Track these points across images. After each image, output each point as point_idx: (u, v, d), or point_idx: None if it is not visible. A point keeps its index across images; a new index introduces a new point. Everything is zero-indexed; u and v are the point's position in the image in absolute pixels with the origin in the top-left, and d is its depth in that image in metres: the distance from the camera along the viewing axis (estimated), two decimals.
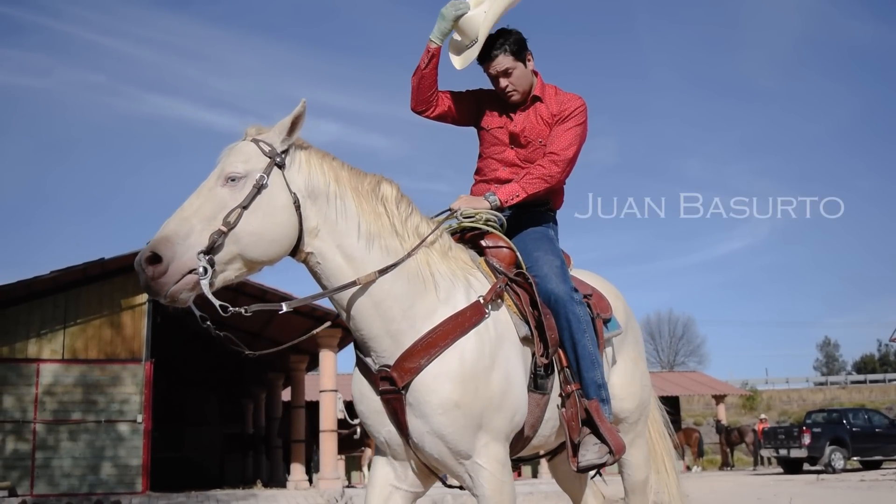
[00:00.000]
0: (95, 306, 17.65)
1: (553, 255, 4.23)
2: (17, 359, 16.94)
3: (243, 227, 3.32)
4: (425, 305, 3.66)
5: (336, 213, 3.58)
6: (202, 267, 3.21)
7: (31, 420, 16.72)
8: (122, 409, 17.25)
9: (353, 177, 3.70)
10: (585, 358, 4.05)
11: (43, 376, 16.97)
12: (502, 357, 3.71)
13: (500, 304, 3.87)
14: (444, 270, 3.78)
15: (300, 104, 3.53)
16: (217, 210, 3.32)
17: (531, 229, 4.39)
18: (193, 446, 28.99)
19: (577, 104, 4.41)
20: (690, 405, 54.31)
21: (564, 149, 4.29)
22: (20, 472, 16.45)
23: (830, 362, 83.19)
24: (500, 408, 3.64)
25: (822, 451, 26.61)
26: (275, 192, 3.43)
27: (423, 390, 3.57)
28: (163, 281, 3.21)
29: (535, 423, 3.97)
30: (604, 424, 4.00)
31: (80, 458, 16.83)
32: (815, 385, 71.55)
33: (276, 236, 3.42)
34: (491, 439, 3.63)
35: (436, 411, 3.56)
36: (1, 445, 16.53)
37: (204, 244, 3.24)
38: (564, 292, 4.05)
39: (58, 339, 17.30)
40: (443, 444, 3.61)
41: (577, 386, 4.05)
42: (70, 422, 16.94)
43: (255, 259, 3.39)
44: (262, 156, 3.47)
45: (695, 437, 33.68)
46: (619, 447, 3.99)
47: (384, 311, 3.60)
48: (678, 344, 74.28)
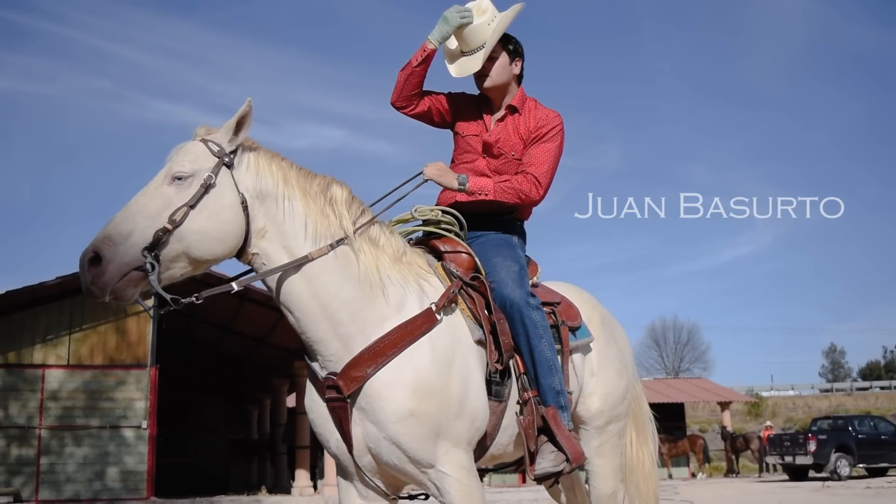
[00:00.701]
0: (101, 312, 17.67)
1: (511, 261, 4.18)
2: (22, 364, 16.97)
3: (189, 225, 3.32)
4: (375, 311, 3.63)
5: (284, 214, 3.57)
6: (149, 264, 3.22)
7: (36, 426, 16.75)
8: (126, 414, 17.27)
9: (302, 178, 3.69)
10: (542, 364, 3.99)
11: (48, 382, 16.99)
12: (459, 362, 3.68)
13: (455, 308, 3.84)
14: (395, 276, 3.75)
15: (245, 103, 3.52)
16: (162, 208, 3.31)
17: (493, 235, 4.33)
18: (198, 452, 28.98)
19: (556, 122, 4.35)
20: (695, 412, 54.19)
21: (545, 173, 4.25)
22: (25, 478, 16.47)
23: (836, 369, 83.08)
24: (459, 414, 3.60)
25: (828, 458, 26.54)
26: (222, 191, 3.42)
27: (375, 397, 3.53)
28: (103, 281, 3.20)
29: (492, 431, 3.89)
30: (561, 432, 3.94)
31: (85, 463, 16.84)
32: (820, 392, 71.45)
33: (222, 235, 3.41)
34: (452, 446, 3.59)
35: (390, 419, 3.52)
36: (6, 451, 16.54)
37: (148, 241, 3.24)
38: (520, 297, 4.00)
39: (63, 345, 17.32)
40: (400, 453, 3.57)
41: (535, 393, 4.00)
42: (75, 427, 16.96)
43: (199, 258, 3.38)
44: (211, 155, 3.47)
45: (700, 443, 33.59)
46: (577, 455, 3.94)
47: (332, 314, 3.58)
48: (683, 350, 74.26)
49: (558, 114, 4.42)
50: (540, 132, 4.32)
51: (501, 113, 4.43)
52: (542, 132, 4.32)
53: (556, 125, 4.35)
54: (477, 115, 4.49)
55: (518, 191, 4.20)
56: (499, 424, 3.92)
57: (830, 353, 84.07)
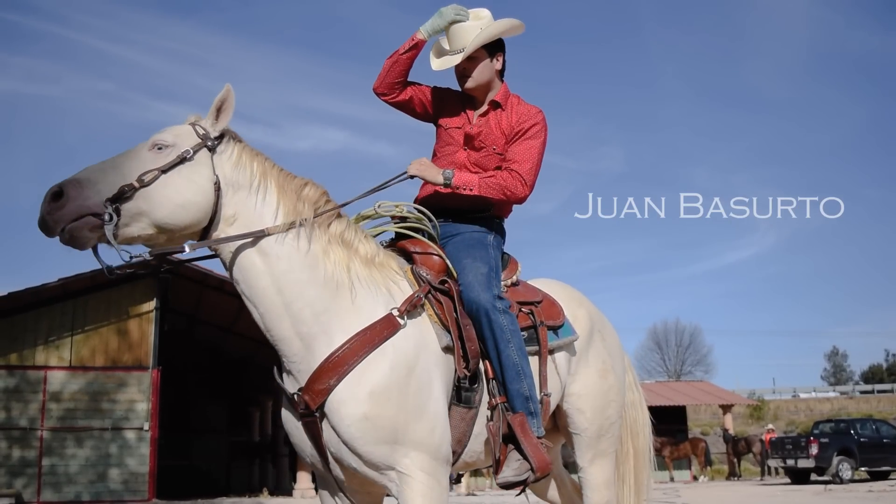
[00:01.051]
0: (103, 314, 17.69)
1: (481, 262, 4.11)
2: (24, 366, 16.99)
3: (156, 187, 3.36)
4: (339, 313, 3.64)
5: (255, 206, 3.61)
6: (108, 214, 3.24)
7: (38, 427, 16.75)
8: (128, 416, 17.28)
9: (280, 176, 3.73)
10: (510, 369, 3.92)
11: (50, 383, 17.00)
12: (420, 369, 3.66)
13: (422, 313, 3.82)
14: (365, 278, 3.76)
15: (224, 89, 3.59)
16: (136, 168, 3.36)
17: (466, 235, 4.29)
18: (200, 454, 28.97)
19: (539, 118, 4.33)
20: (697, 415, 54.15)
21: (530, 171, 4.22)
22: (27, 479, 16.48)
23: (838, 372, 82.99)
24: (418, 419, 3.58)
25: (830, 462, 26.49)
26: (197, 167, 3.48)
27: (335, 401, 3.55)
28: (58, 215, 3.21)
29: (462, 438, 3.87)
30: (527, 439, 3.86)
31: (87, 465, 16.85)
32: (822, 395, 71.35)
33: (186, 203, 3.43)
34: (412, 449, 3.56)
35: (345, 422, 3.54)
36: (8, 452, 16.56)
37: (112, 192, 3.27)
38: (485, 300, 3.92)
39: (65, 347, 17.34)
40: (357, 457, 3.59)
41: (503, 399, 3.95)
42: (77, 429, 16.97)
43: (160, 221, 3.39)
44: (195, 136, 3.54)
45: (701, 446, 33.58)
46: (543, 465, 3.85)
47: (294, 313, 3.60)
48: (685, 353, 74.15)
49: (540, 110, 4.39)
50: (522, 128, 4.30)
51: (484, 108, 4.41)
52: (524, 128, 4.30)
53: (539, 121, 4.32)
54: (460, 109, 4.47)
55: (503, 187, 4.17)
56: (469, 431, 3.90)
57: (832, 357, 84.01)
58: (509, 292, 4.35)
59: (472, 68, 4.33)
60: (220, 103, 3.60)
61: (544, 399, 4.20)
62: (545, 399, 4.21)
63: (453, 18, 4.29)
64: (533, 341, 4.25)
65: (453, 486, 28.28)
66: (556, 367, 4.38)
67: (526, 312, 4.30)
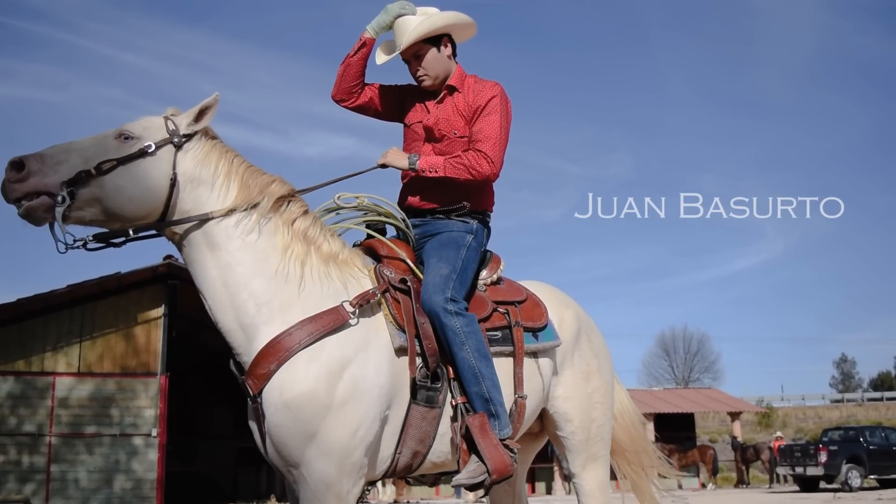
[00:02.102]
0: (111, 320, 17.70)
1: (444, 263, 4.07)
2: (32, 372, 17.00)
3: (111, 177, 3.44)
4: (284, 304, 3.65)
5: (213, 202, 3.66)
6: (61, 196, 3.32)
7: (46, 433, 16.76)
8: (136, 422, 17.28)
9: (247, 173, 3.77)
10: (465, 371, 3.87)
11: (58, 390, 17.01)
12: (356, 366, 3.62)
13: (377, 311, 3.82)
14: (320, 272, 3.78)
15: (212, 96, 3.68)
16: (98, 154, 3.45)
17: (443, 235, 4.26)
18: (207, 460, 28.96)
19: (495, 92, 4.30)
20: (705, 422, 54.02)
21: (494, 147, 4.19)
22: (35, 486, 16.49)
23: (846, 379, 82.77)
24: (338, 418, 3.51)
25: (839, 470, 26.43)
26: (156, 163, 3.55)
27: (268, 386, 3.57)
28: (15, 187, 3.32)
29: (425, 438, 3.84)
30: (486, 441, 3.80)
31: (95, 471, 16.85)
32: (831, 402, 71.14)
33: (137, 197, 3.51)
34: (321, 453, 3.50)
35: (269, 410, 3.56)
36: (17, 459, 16.57)
37: (70, 176, 3.36)
38: (437, 303, 3.87)
39: (73, 353, 17.35)
40: (273, 445, 3.59)
41: (464, 399, 3.91)
42: (85, 435, 16.97)
43: (111, 210, 3.48)
44: (163, 130, 3.62)
45: (710, 454, 33.47)
46: (501, 468, 3.79)
47: (238, 305, 3.64)
48: (693, 360, 74.07)
49: (496, 83, 4.37)
50: (479, 105, 4.27)
51: (441, 95, 4.39)
52: (480, 105, 4.27)
53: (494, 95, 4.29)
54: (419, 101, 4.46)
55: (468, 166, 4.15)
56: (433, 431, 3.87)
57: (841, 364, 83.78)
58: (489, 291, 4.35)
59: (425, 66, 4.34)
60: (205, 108, 3.68)
61: (518, 401, 4.16)
62: (520, 401, 4.17)
63: (398, 13, 4.31)
64: (507, 342, 4.21)
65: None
66: (539, 369, 4.34)
67: (502, 312, 4.27)
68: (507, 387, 4.12)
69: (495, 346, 4.14)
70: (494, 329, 4.19)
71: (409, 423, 3.79)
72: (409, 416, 3.79)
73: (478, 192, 4.37)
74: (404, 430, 3.79)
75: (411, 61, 4.34)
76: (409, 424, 3.79)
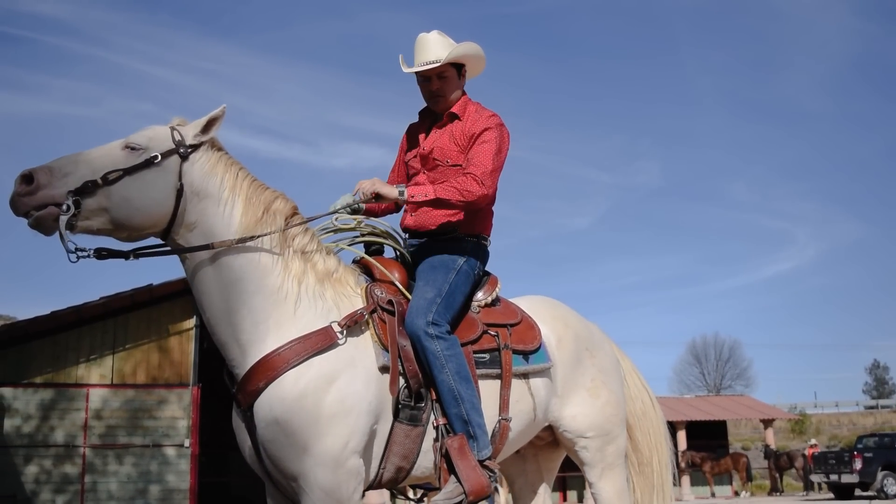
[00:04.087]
0: (143, 331, 17.84)
1: (430, 287, 4.14)
2: (67, 384, 17.15)
3: (118, 187, 3.49)
4: (279, 323, 3.74)
5: (218, 217, 3.72)
6: (66, 205, 3.37)
7: (80, 444, 16.91)
8: (169, 433, 17.39)
9: (251, 188, 3.83)
10: (445, 393, 3.94)
11: (92, 401, 17.15)
12: (343, 382, 3.70)
13: (365, 330, 3.89)
14: (315, 291, 3.86)
15: (219, 108, 3.73)
16: (105, 165, 3.50)
17: (435, 259, 4.32)
18: (239, 471, 29.09)
19: (491, 123, 4.34)
20: (738, 429, 53.61)
21: (485, 171, 4.22)
22: (69, 496, 16.63)
23: (880, 385, 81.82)
24: (327, 430, 3.61)
25: (874, 477, 26.14)
26: (162, 174, 3.60)
27: (259, 403, 3.67)
28: (24, 201, 3.37)
29: (409, 455, 3.93)
30: (464, 462, 3.87)
31: (129, 482, 16.97)
32: (865, 408, 70.35)
33: (143, 207, 3.56)
34: (316, 464, 3.60)
35: (260, 425, 3.66)
36: (51, 469, 16.72)
37: (76, 186, 3.41)
38: (418, 327, 3.94)
39: (106, 364, 17.50)
40: (269, 459, 3.70)
41: (444, 421, 3.98)
42: (118, 446, 17.10)
43: (118, 220, 3.53)
44: (169, 141, 3.66)
45: (743, 461, 33.19)
46: (478, 489, 3.84)
47: (236, 322, 3.72)
48: (724, 367, 73.55)
49: (495, 114, 4.42)
50: (474, 133, 4.32)
51: (442, 121, 4.46)
52: (475, 133, 4.32)
53: (491, 126, 4.33)
54: (414, 136, 4.57)
55: (459, 189, 4.17)
56: (416, 448, 3.95)
57: (874, 370, 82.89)
58: (482, 312, 4.40)
59: (445, 88, 4.41)
60: (212, 119, 3.74)
61: (502, 423, 4.21)
62: (503, 423, 4.22)
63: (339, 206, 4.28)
64: (495, 364, 4.26)
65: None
66: (531, 390, 4.37)
67: (492, 335, 4.30)
68: (492, 409, 4.20)
69: (482, 369, 4.20)
70: (483, 351, 4.25)
71: (393, 439, 3.89)
72: (392, 433, 3.88)
73: (473, 216, 4.43)
74: (388, 446, 3.89)
75: (433, 79, 4.39)
76: (393, 441, 3.89)
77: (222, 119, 3.76)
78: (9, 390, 16.85)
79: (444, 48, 4.35)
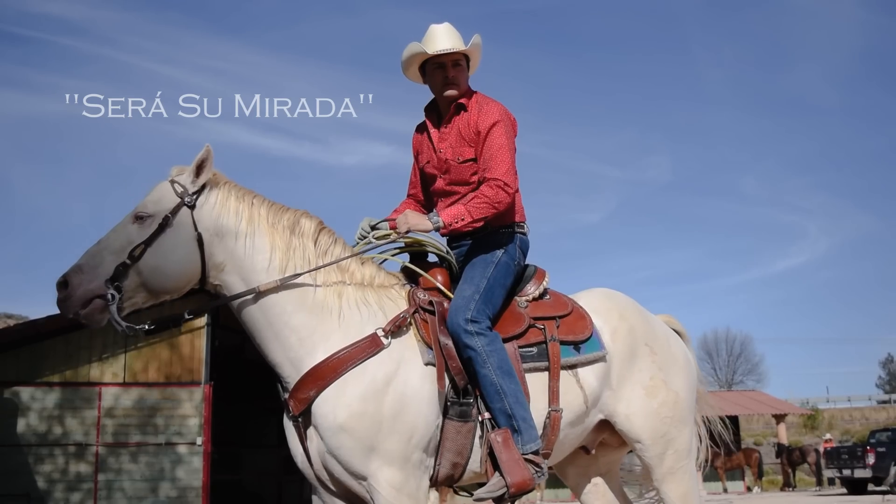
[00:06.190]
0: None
1: (469, 284, 4.19)
2: (79, 382, 17.22)
3: (146, 261, 3.66)
4: (325, 335, 3.86)
5: (244, 249, 3.84)
6: (109, 294, 3.58)
7: (93, 442, 16.96)
8: (181, 431, 17.44)
9: (270, 214, 3.93)
10: (487, 388, 3.98)
11: (104, 399, 17.21)
12: (399, 381, 3.83)
13: (407, 331, 3.98)
14: (357, 299, 3.97)
15: (203, 149, 3.79)
16: (126, 244, 3.66)
17: (477, 258, 4.36)
18: (251, 469, 29.15)
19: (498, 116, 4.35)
20: (750, 425, 53.45)
21: (507, 172, 4.25)
22: (83, 494, 16.69)
23: (893, 380, 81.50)
24: (392, 430, 3.75)
25: (888, 471, 26.01)
26: (178, 231, 3.73)
27: (316, 415, 3.79)
28: (68, 304, 3.59)
29: (462, 450, 3.99)
30: (507, 455, 3.91)
31: (141, 480, 17.02)
32: (878, 403, 70.08)
33: (175, 272, 3.73)
34: (384, 463, 3.74)
35: (326, 434, 3.77)
36: (64, 468, 16.79)
37: (110, 273, 3.60)
38: (457, 325, 4.00)
39: (118, 363, 17.55)
40: (339, 465, 3.80)
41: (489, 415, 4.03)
42: (130, 444, 17.16)
43: (156, 289, 3.73)
44: (174, 196, 3.77)
45: (755, 457, 33.11)
46: (521, 483, 3.88)
47: (283, 340, 3.87)
48: (736, 363, 73.38)
49: (499, 105, 4.43)
50: (482, 129, 4.33)
51: (449, 114, 4.47)
52: (483, 129, 4.32)
53: (499, 119, 4.34)
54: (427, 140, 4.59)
55: (489, 202, 4.21)
56: (469, 443, 4.02)
57: (887, 364, 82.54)
58: (531, 306, 4.42)
59: (459, 76, 4.43)
60: (200, 162, 3.81)
61: (552, 414, 4.22)
62: (553, 414, 4.22)
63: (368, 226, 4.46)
64: (542, 357, 4.28)
65: None
66: (580, 382, 4.36)
67: (539, 328, 4.32)
68: (542, 401, 4.23)
69: (529, 363, 4.24)
70: (529, 345, 4.29)
71: (445, 436, 3.96)
72: (444, 430, 3.96)
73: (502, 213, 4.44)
74: (441, 442, 3.96)
75: (448, 66, 4.40)
76: (446, 437, 3.96)
77: (211, 159, 3.82)
78: (22, 389, 16.94)
79: (457, 39, 4.38)
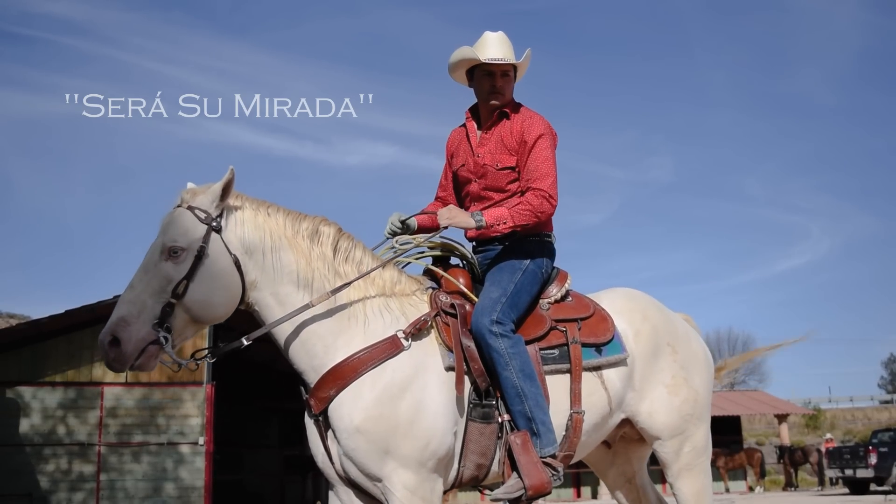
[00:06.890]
0: None
1: (495, 287, 4.21)
2: (81, 382, 17.23)
3: (191, 295, 3.65)
4: (349, 342, 3.88)
5: (272, 265, 3.87)
6: (162, 337, 3.56)
7: (95, 442, 16.98)
8: (183, 431, 17.45)
9: (289, 225, 3.97)
10: (508, 390, 4.00)
11: (107, 399, 17.22)
12: (416, 387, 3.85)
13: (428, 334, 4.00)
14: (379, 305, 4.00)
15: (228, 171, 3.79)
16: (165, 284, 3.63)
17: (504, 263, 4.38)
18: (253, 469, 29.18)
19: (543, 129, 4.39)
20: (752, 425, 53.42)
21: (552, 184, 4.28)
22: (85, 494, 16.70)
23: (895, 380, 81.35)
24: (407, 435, 3.76)
25: (890, 471, 26.00)
26: (215, 258, 3.73)
27: (334, 416, 3.82)
28: (124, 359, 3.55)
29: (486, 452, 4.02)
30: (525, 457, 3.95)
31: (144, 479, 17.04)
32: (880, 403, 69.96)
33: (222, 299, 3.75)
34: (399, 465, 3.75)
35: (342, 435, 3.79)
36: (67, 468, 16.80)
37: (157, 316, 3.59)
38: (483, 325, 4.02)
39: None
40: (354, 466, 3.82)
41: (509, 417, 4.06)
42: (133, 444, 17.17)
43: (206, 320, 3.75)
44: (199, 224, 3.75)
45: (757, 457, 33.10)
46: (538, 485, 3.91)
47: (309, 349, 3.90)
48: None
49: (543, 118, 4.46)
50: (529, 140, 4.36)
51: (491, 120, 4.49)
52: (529, 141, 4.36)
53: (544, 132, 4.39)
54: (465, 142, 4.59)
55: (533, 210, 4.25)
56: (493, 445, 4.05)
57: (890, 364, 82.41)
58: (552, 309, 4.44)
59: (507, 86, 4.47)
60: (227, 185, 3.81)
61: (574, 416, 4.24)
62: (575, 416, 4.24)
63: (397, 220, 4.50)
64: (564, 359, 4.30)
65: None
66: (604, 383, 4.38)
67: (561, 330, 4.34)
68: (564, 403, 4.25)
69: (550, 365, 4.26)
70: (551, 348, 4.30)
71: (469, 437, 3.99)
72: (467, 432, 3.98)
73: None
74: (465, 444, 3.98)
75: (497, 75, 4.43)
76: (469, 439, 3.99)
77: (234, 181, 3.83)
78: (24, 389, 16.96)
79: (509, 49, 4.42)
